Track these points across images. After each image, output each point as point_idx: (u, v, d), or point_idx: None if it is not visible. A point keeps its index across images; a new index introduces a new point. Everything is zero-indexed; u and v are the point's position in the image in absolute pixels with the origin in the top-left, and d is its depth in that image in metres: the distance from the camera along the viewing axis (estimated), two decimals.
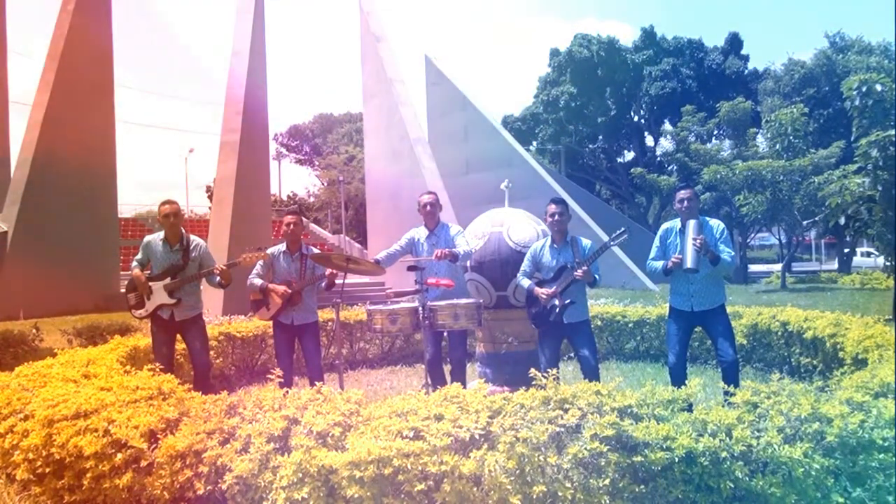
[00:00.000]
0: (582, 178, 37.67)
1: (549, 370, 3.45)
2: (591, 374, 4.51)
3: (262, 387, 3.37)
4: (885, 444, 2.75)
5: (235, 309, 11.64)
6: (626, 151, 40.93)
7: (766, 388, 3.13)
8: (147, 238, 5.29)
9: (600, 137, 38.79)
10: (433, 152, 19.68)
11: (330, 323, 7.55)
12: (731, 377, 4.38)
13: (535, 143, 40.41)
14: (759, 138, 25.50)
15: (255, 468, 2.78)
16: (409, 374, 7.44)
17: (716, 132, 29.32)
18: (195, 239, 5.27)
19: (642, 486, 2.63)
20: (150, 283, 5.07)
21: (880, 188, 9.85)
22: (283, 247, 5.30)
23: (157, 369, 4.02)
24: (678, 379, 4.54)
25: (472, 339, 6.68)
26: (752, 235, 30.76)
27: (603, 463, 2.62)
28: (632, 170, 30.15)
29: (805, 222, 20.53)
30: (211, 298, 11.61)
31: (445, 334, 5.13)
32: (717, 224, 4.66)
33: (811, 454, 2.67)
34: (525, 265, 4.99)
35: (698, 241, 4.35)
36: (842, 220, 11.40)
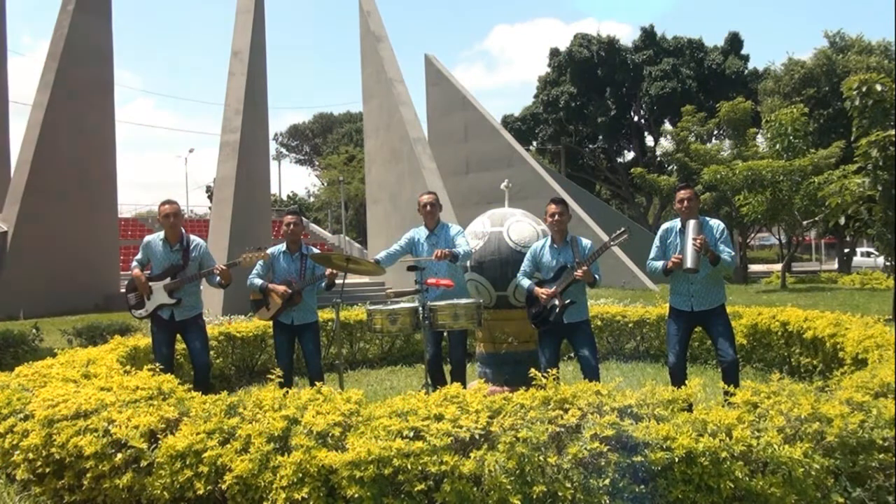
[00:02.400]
0: (582, 178, 37.64)
1: (549, 370, 3.46)
2: (591, 374, 4.51)
3: (262, 387, 3.37)
4: (885, 444, 2.76)
5: (235, 309, 11.66)
6: (626, 151, 40.89)
7: (766, 388, 3.13)
8: (147, 238, 5.29)
9: (600, 137, 38.75)
10: (433, 152, 19.69)
11: (330, 323, 7.55)
12: (731, 377, 4.38)
13: (535, 143, 40.39)
14: (759, 138, 25.49)
15: (255, 468, 2.79)
16: (409, 374, 7.44)
17: (716, 132, 29.29)
18: (195, 239, 5.27)
19: (642, 486, 2.63)
20: (150, 283, 5.07)
21: (880, 188, 9.84)
22: (283, 247, 5.30)
23: (157, 369, 4.02)
24: (678, 379, 4.54)
25: (472, 339, 6.67)
26: (752, 235, 30.78)
27: (603, 463, 2.62)
28: (632, 170, 30.12)
29: (805, 222, 20.51)
30: (211, 298, 11.62)
31: (445, 334, 5.14)
32: (717, 224, 4.66)
33: (811, 454, 2.67)
34: (525, 265, 4.99)
35: (698, 241, 4.34)
36: (842, 220, 11.41)
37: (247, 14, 17.54)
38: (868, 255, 36.91)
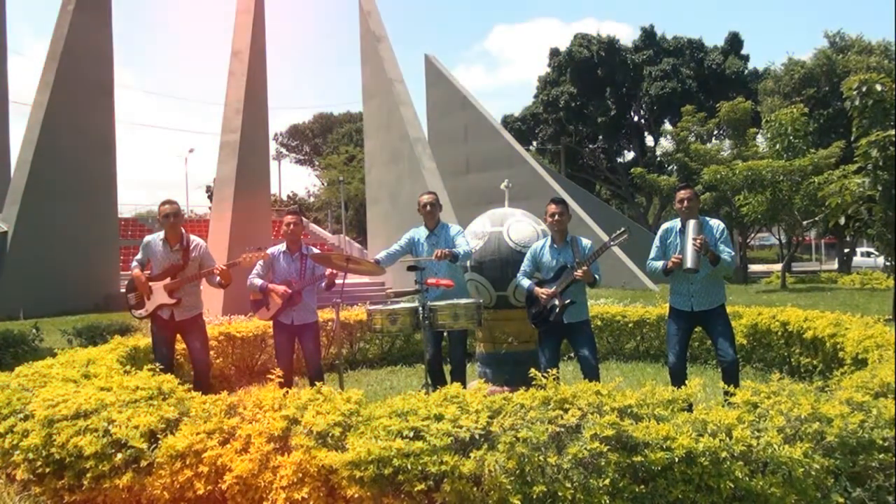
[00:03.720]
0: (582, 178, 37.66)
1: (549, 370, 3.46)
2: (591, 374, 4.51)
3: (262, 387, 3.37)
4: (885, 444, 2.76)
5: (235, 309, 11.64)
6: (626, 151, 40.91)
7: (766, 388, 3.13)
8: (147, 238, 5.28)
9: (600, 137, 38.77)
10: (433, 152, 19.69)
11: (330, 323, 7.54)
12: (731, 377, 4.38)
13: (535, 143, 40.41)
14: (759, 138, 25.50)
15: (255, 468, 2.79)
16: (409, 374, 7.44)
17: (716, 132, 29.30)
18: (195, 239, 5.27)
19: (642, 486, 2.63)
20: (150, 283, 5.07)
21: (880, 188, 9.86)
22: (283, 247, 5.30)
23: (157, 369, 4.02)
24: (678, 379, 4.54)
25: (472, 339, 6.67)
26: (752, 235, 30.78)
27: (603, 463, 2.62)
28: (632, 170, 30.14)
29: (805, 222, 20.52)
30: (211, 298, 11.60)
31: (445, 334, 5.14)
32: (717, 224, 4.66)
33: (811, 454, 2.67)
34: (525, 265, 4.99)
35: (698, 241, 4.34)
36: (842, 220, 11.41)
37: (247, 14, 17.53)
38: (868, 255, 36.90)
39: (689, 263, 4.36)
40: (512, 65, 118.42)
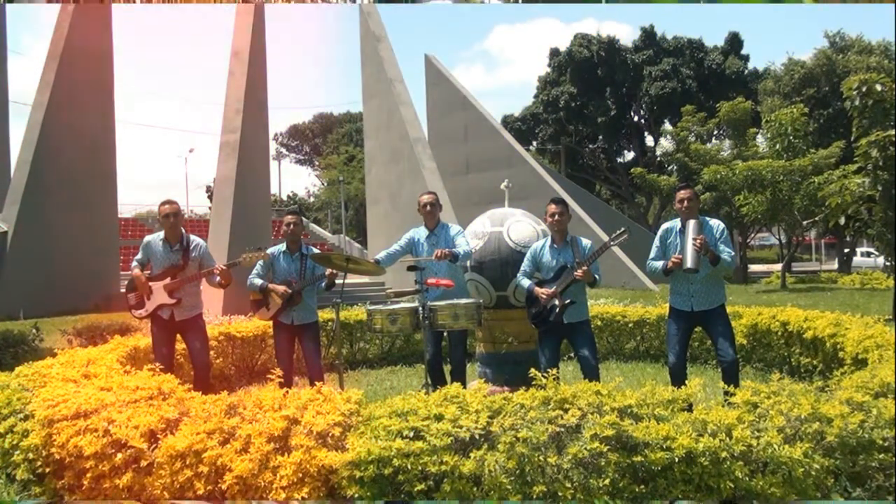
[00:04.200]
0: (582, 178, 37.64)
1: (549, 370, 3.46)
2: (591, 374, 4.51)
3: (262, 387, 3.37)
4: (885, 444, 2.76)
5: (235, 309, 11.64)
6: (626, 151, 40.90)
7: (766, 388, 3.13)
8: (147, 238, 5.29)
9: (600, 137, 38.76)
10: (433, 152, 19.68)
11: (330, 323, 7.54)
12: (731, 377, 4.38)
13: (535, 143, 40.39)
14: (759, 138, 25.50)
15: (255, 468, 2.79)
16: (409, 374, 7.44)
17: (716, 132, 29.30)
18: (195, 239, 5.27)
19: (642, 486, 2.63)
20: (150, 283, 5.07)
21: (880, 188, 9.86)
22: (283, 247, 5.30)
23: (157, 369, 4.02)
24: (678, 379, 4.54)
25: (472, 339, 6.68)
26: (752, 235, 30.78)
27: (603, 463, 2.62)
28: (632, 170, 30.13)
29: (805, 222, 20.53)
30: (211, 298, 11.58)
31: (445, 334, 5.14)
32: (717, 224, 4.66)
33: (811, 454, 2.68)
34: (525, 265, 4.99)
35: (698, 241, 4.34)
36: (842, 220, 11.41)
37: (247, 14, 17.52)
38: (868, 255, 36.89)
39: (689, 263, 4.36)
40: (512, 65, 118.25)
